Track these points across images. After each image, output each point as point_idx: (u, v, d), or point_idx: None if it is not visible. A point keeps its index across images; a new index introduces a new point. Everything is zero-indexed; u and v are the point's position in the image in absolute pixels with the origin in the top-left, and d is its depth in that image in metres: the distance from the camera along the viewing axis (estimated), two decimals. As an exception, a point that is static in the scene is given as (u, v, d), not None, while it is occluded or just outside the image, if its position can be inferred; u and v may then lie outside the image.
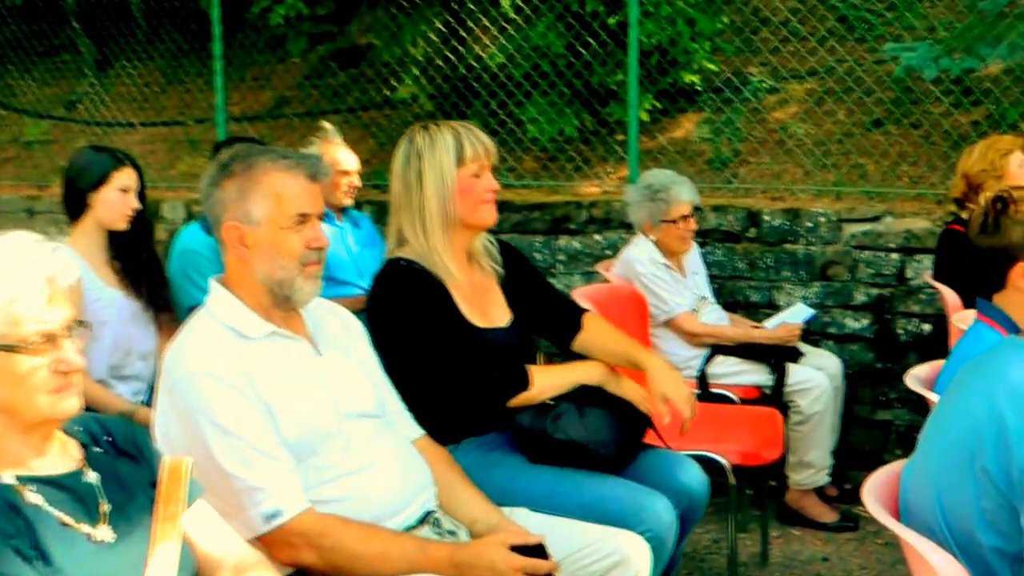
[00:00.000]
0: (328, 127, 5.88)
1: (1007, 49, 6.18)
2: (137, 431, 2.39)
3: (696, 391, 5.40)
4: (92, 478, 2.21)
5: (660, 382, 3.63)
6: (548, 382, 3.56)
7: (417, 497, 2.97)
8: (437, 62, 8.40)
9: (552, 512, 3.24)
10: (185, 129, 9.71)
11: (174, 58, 9.97)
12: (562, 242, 7.06)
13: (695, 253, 6.01)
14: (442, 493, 3.09)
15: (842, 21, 7.64)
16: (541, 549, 2.80)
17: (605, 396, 3.62)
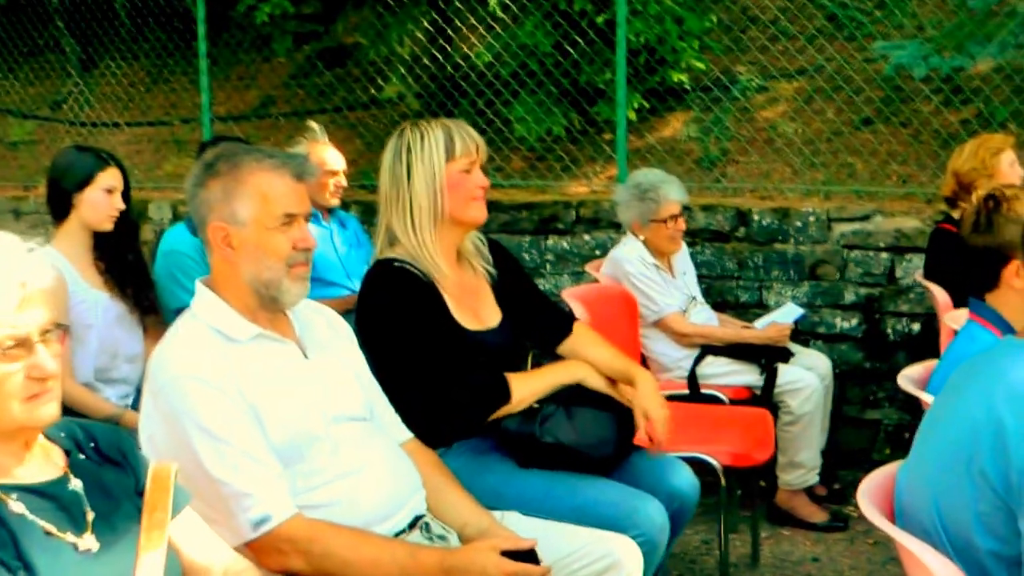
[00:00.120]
0: (315, 127, 5.85)
1: (997, 47, 6.16)
2: (122, 437, 2.33)
3: (686, 392, 5.40)
4: (76, 486, 2.14)
5: (645, 397, 3.62)
6: (528, 390, 3.51)
7: (407, 502, 2.93)
8: (424, 61, 8.37)
9: (545, 516, 3.21)
10: (171, 129, 9.67)
11: (159, 57, 9.92)
12: (550, 242, 7.03)
13: (684, 253, 5.98)
14: (431, 497, 3.06)
15: (831, 20, 7.62)
16: (532, 554, 2.77)
17: (592, 396, 3.60)
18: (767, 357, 5.43)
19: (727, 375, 5.50)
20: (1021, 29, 6.21)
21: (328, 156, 5.73)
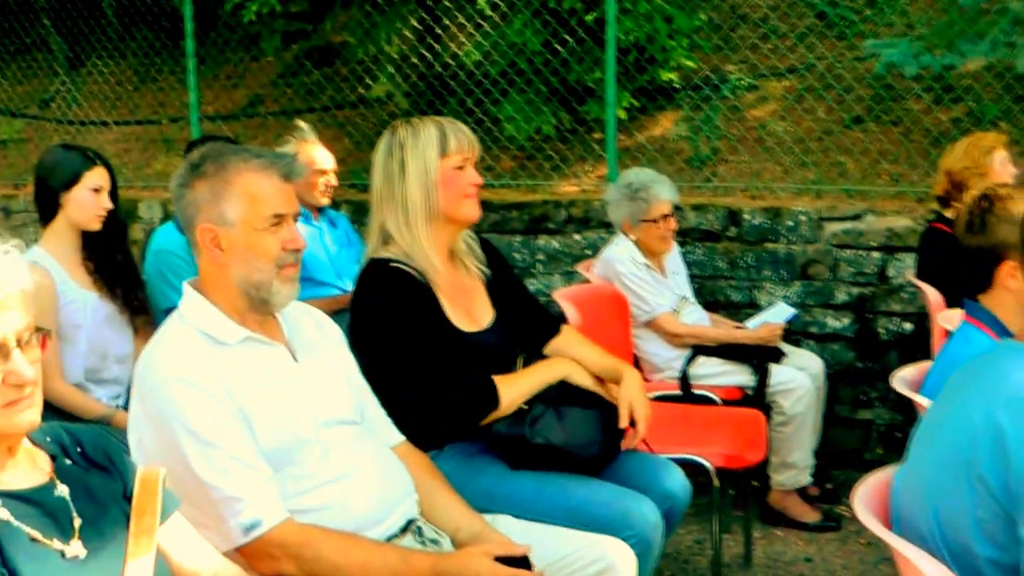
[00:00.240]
0: (304, 126, 5.82)
1: (988, 45, 6.15)
2: (109, 441, 2.28)
3: (678, 392, 5.38)
4: (63, 491, 2.09)
5: (630, 389, 3.61)
6: (515, 392, 3.48)
7: (399, 505, 2.91)
8: (412, 60, 8.34)
9: (538, 517, 3.19)
10: (160, 128, 9.63)
11: (146, 56, 9.88)
12: (541, 242, 7.00)
13: (675, 253, 5.96)
14: (423, 501, 3.03)
15: (821, 18, 7.61)
16: (526, 560, 2.74)
17: (580, 394, 3.57)
18: (759, 357, 5.41)
19: (719, 375, 5.48)
20: (1012, 27, 6.19)
21: (317, 155, 5.70)
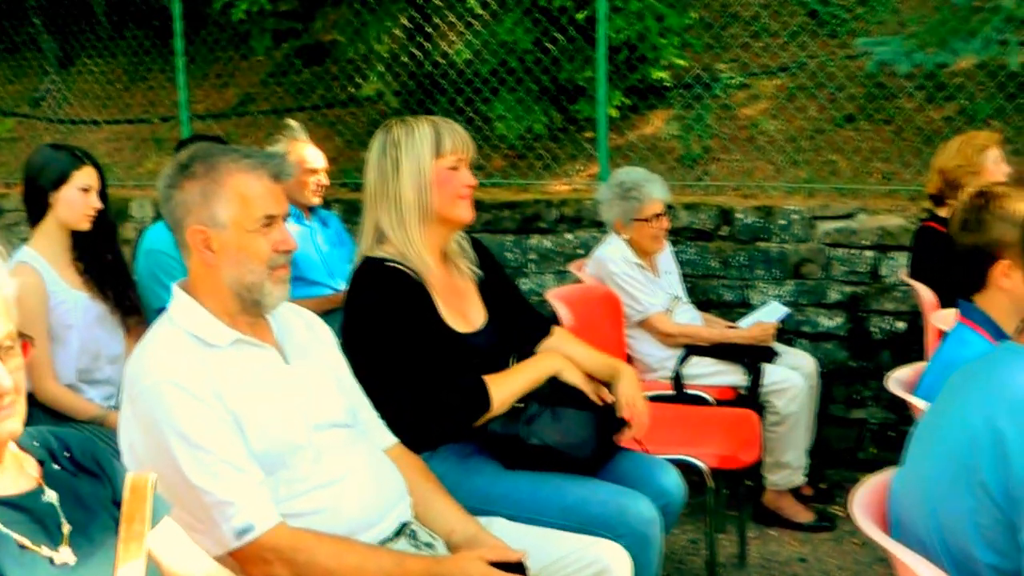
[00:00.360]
0: (294, 125, 5.79)
1: (981, 43, 6.13)
2: (97, 446, 2.24)
3: (671, 392, 5.36)
4: (51, 497, 2.05)
5: (629, 386, 3.62)
6: (507, 391, 3.45)
7: (392, 509, 2.88)
8: (403, 59, 8.31)
9: (533, 517, 3.17)
10: (151, 127, 9.60)
11: (136, 55, 9.84)
12: (533, 241, 6.98)
13: (667, 252, 5.94)
14: (417, 504, 3.01)
15: (812, 16, 7.59)
16: (520, 566, 2.72)
17: (575, 395, 3.55)
18: (752, 357, 5.39)
19: (712, 375, 5.46)
20: (1005, 25, 6.18)
21: (308, 154, 5.68)
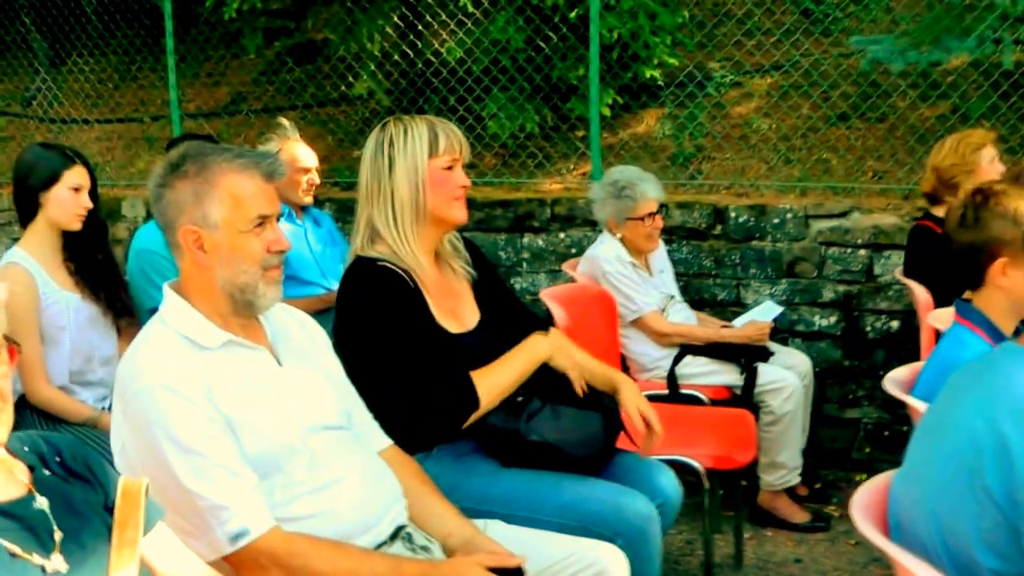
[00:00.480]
0: (286, 123, 5.76)
1: (975, 41, 6.12)
2: (88, 451, 2.20)
3: (666, 392, 5.34)
4: (42, 504, 2.01)
5: (634, 396, 3.60)
6: (496, 384, 3.40)
7: (388, 512, 2.85)
8: (394, 57, 8.27)
9: (530, 515, 3.15)
10: (142, 126, 9.55)
11: (127, 54, 9.80)
12: (526, 240, 6.95)
13: (661, 251, 5.92)
14: (413, 507, 2.97)
15: (806, 15, 7.57)
16: (519, 572, 2.69)
17: (576, 395, 3.52)
18: (747, 356, 5.37)
19: (707, 375, 5.44)
20: (999, 23, 6.17)
21: (300, 153, 5.66)
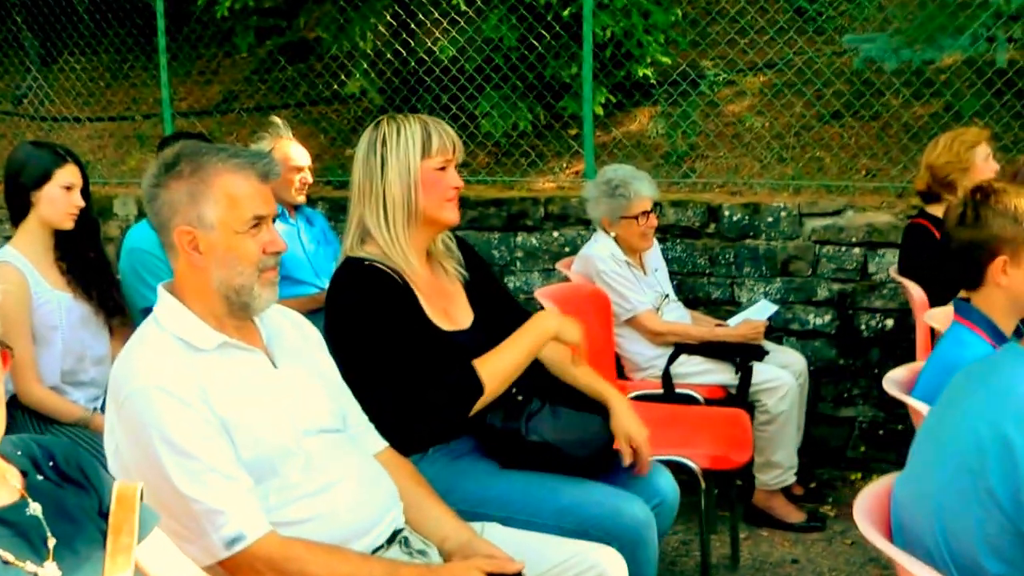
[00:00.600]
0: (278, 122, 5.74)
1: (969, 39, 6.10)
2: (82, 454, 2.16)
3: (660, 391, 5.32)
4: (35, 510, 1.96)
5: (624, 420, 3.54)
6: (501, 368, 3.37)
7: (385, 515, 2.82)
8: (387, 56, 8.24)
9: (527, 519, 3.14)
10: (133, 124, 9.52)
11: (119, 53, 9.76)
12: (519, 239, 6.93)
13: (656, 250, 5.90)
14: (409, 510, 2.95)
15: (800, 13, 7.55)
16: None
17: (577, 397, 3.50)
18: (742, 355, 5.35)
19: (701, 374, 5.42)
20: (993, 21, 6.16)
21: (293, 152, 5.63)
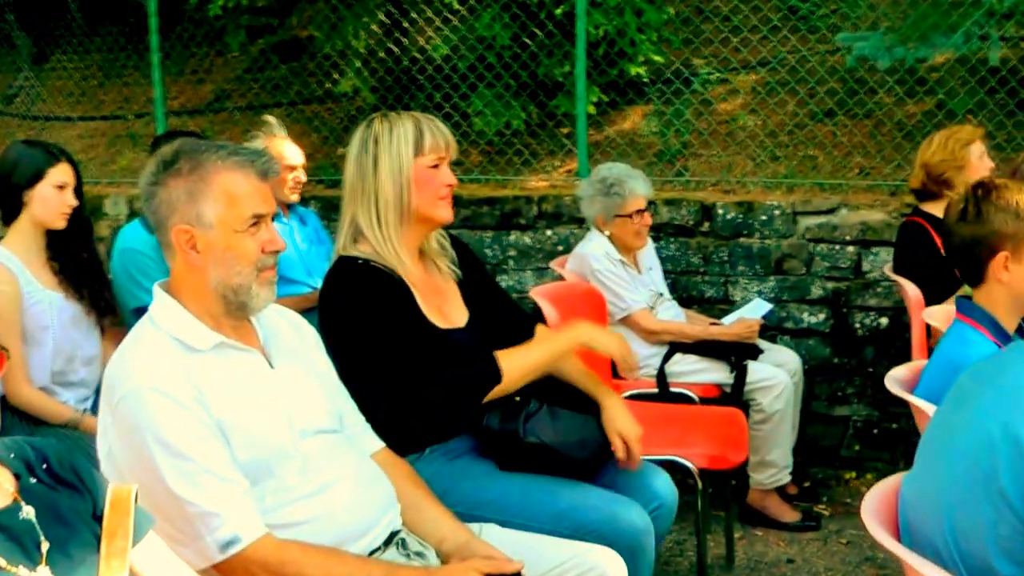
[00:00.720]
0: (272, 121, 5.72)
1: (962, 37, 6.10)
2: (76, 456, 2.13)
3: (655, 390, 5.30)
4: (28, 513, 1.94)
5: (617, 419, 3.52)
6: (520, 364, 3.38)
7: (382, 517, 2.80)
8: (380, 54, 8.23)
9: (524, 522, 3.12)
10: (125, 123, 9.49)
11: (111, 51, 9.73)
12: (512, 238, 6.91)
13: (650, 248, 5.88)
14: (406, 511, 2.93)
15: (793, 11, 7.54)
16: None
17: (575, 399, 3.49)
18: (736, 354, 5.34)
19: (696, 373, 5.41)
20: (986, 19, 6.15)
21: (287, 150, 5.61)
